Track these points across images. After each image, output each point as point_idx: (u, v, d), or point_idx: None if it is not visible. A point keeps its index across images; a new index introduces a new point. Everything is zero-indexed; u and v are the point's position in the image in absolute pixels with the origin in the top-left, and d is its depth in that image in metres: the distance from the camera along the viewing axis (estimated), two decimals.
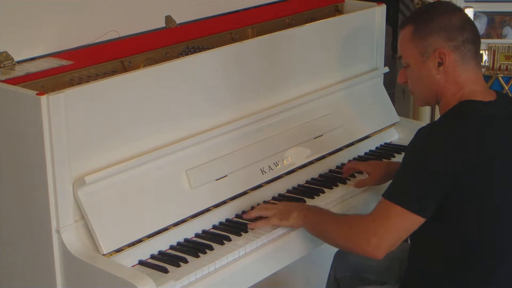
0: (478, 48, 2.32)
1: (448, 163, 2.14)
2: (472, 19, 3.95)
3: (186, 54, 2.72)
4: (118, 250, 2.24)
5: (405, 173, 2.23)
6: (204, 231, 2.46)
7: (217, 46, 2.70)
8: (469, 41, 2.29)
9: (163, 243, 2.35)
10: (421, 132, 2.24)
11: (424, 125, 2.31)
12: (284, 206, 2.47)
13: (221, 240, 2.39)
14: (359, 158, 3.00)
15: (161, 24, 2.92)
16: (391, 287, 2.50)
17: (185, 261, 2.27)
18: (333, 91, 3.01)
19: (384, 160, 2.95)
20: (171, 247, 2.37)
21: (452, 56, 2.27)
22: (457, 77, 2.29)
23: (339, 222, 2.33)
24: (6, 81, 2.32)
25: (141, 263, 2.29)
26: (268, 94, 2.79)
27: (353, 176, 2.83)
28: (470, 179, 2.16)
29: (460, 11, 2.35)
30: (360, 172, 2.82)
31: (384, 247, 2.19)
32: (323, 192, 2.71)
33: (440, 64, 2.29)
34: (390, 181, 2.63)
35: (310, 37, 2.95)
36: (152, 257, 2.31)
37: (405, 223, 2.18)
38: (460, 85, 2.29)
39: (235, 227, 2.46)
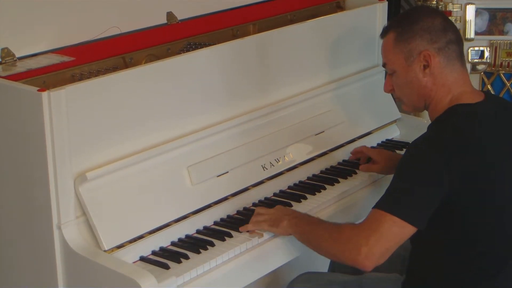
0: (461, 49, 2.32)
1: (445, 173, 2.13)
2: (474, 16, 3.97)
3: (188, 51, 2.72)
4: (119, 246, 2.25)
5: (398, 185, 2.20)
6: (205, 227, 2.46)
7: (219, 43, 2.70)
8: (452, 42, 2.29)
9: (164, 239, 2.36)
10: (415, 144, 2.24)
11: (417, 138, 2.28)
12: (276, 213, 2.42)
13: (222, 236, 2.39)
14: None
15: (163, 20, 2.92)
16: (398, 275, 2.50)
17: (186, 257, 2.27)
18: (334, 88, 3.01)
19: (396, 152, 2.95)
20: (172, 243, 2.37)
21: (437, 58, 2.27)
22: (444, 79, 2.29)
23: (330, 231, 2.27)
24: (8, 77, 2.32)
25: (142, 259, 2.29)
26: (269, 90, 2.79)
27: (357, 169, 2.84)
28: (468, 185, 2.16)
29: (441, 13, 2.36)
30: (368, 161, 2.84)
31: (375, 258, 2.13)
32: (324, 188, 2.71)
33: (425, 66, 2.29)
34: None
35: (311, 34, 2.95)
36: (153, 253, 2.32)
37: (396, 232, 2.14)
38: (448, 88, 2.29)
39: (236, 223, 2.46)
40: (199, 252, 2.30)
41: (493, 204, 2.21)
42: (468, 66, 3.95)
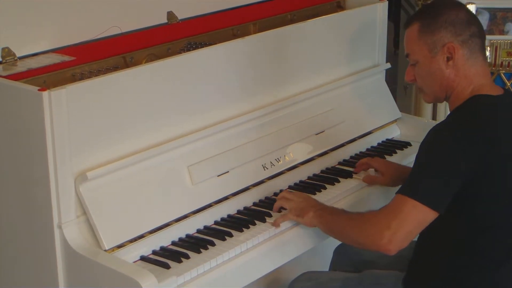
0: (484, 43, 2.36)
1: (463, 160, 2.17)
2: None
3: (188, 50, 2.72)
4: (120, 246, 2.25)
5: (419, 170, 2.25)
6: (206, 227, 2.46)
7: (219, 42, 2.70)
8: (476, 35, 2.32)
9: (165, 238, 2.36)
10: (435, 130, 2.27)
11: (438, 122, 2.34)
12: (302, 202, 2.47)
13: (222, 235, 2.39)
14: (362, 154, 3.00)
15: (163, 20, 2.92)
16: (398, 273, 2.51)
17: (187, 257, 2.27)
18: (335, 87, 3.01)
19: (400, 164, 2.94)
20: (173, 243, 2.37)
21: (461, 51, 2.31)
22: (467, 71, 2.32)
23: (353, 218, 2.33)
24: (8, 77, 2.32)
25: (143, 258, 2.29)
26: (270, 90, 2.79)
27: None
28: (486, 174, 2.19)
29: (465, 7, 2.39)
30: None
31: (397, 241, 2.19)
32: (325, 188, 2.71)
33: (449, 58, 2.32)
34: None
35: (312, 33, 2.95)
36: (154, 252, 2.32)
37: (418, 216, 2.19)
38: (469, 79, 2.32)
39: (237, 223, 2.47)
40: (199, 252, 2.30)
41: (506, 195, 2.24)
42: None
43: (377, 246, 2.21)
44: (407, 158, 2.94)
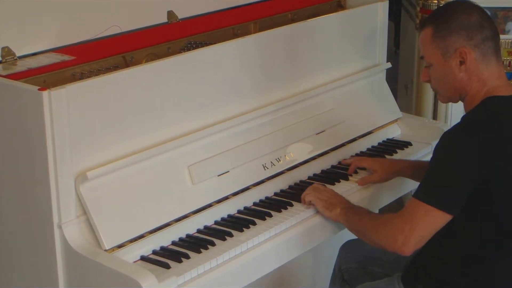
0: (498, 44, 2.38)
1: (476, 164, 2.18)
2: None
3: (188, 50, 2.72)
4: (120, 246, 2.25)
5: (433, 174, 2.27)
6: (206, 227, 2.46)
7: (219, 42, 2.70)
8: (488, 38, 2.34)
9: (165, 238, 2.36)
10: (447, 134, 2.29)
11: (450, 127, 2.35)
12: (333, 198, 2.55)
13: (223, 235, 2.39)
14: (362, 154, 3.00)
15: (163, 19, 2.92)
16: (390, 277, 2.52)
17: (187, 257, 2.27)
18: (335, 87, 3.01)
19: (390, 158, 2.95)
20: (173, 243, 2.37)
21: (473, 55, 2.32)
22: (480, 74, 2.34)
23: (373, 220, 2.39)
24: (8, 76, 2.32)
25: (143, 258, 2.29)
26: (269, 89, 2.79)
27: (355, 172, 2.83)
28: (501, 174, 2.20)
29: (478, 9, 2.40)
30: (364, 168, 2.83)
31: (411, 244, 2.24)
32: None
33: (461, 62, 2.33)
34: (395, 178, 2.67)
35: (312, 33, 2.95)
36: (154, 252, 2.32)
37: (431, 220, 2.22)
38: (483, 82, 2.34)
39: (237, 223, 2.47)
40: (199, 252, 2.30)
41: None
42: None
43: (392, 248, 2.27)
44: (407, 158, 2.94)
